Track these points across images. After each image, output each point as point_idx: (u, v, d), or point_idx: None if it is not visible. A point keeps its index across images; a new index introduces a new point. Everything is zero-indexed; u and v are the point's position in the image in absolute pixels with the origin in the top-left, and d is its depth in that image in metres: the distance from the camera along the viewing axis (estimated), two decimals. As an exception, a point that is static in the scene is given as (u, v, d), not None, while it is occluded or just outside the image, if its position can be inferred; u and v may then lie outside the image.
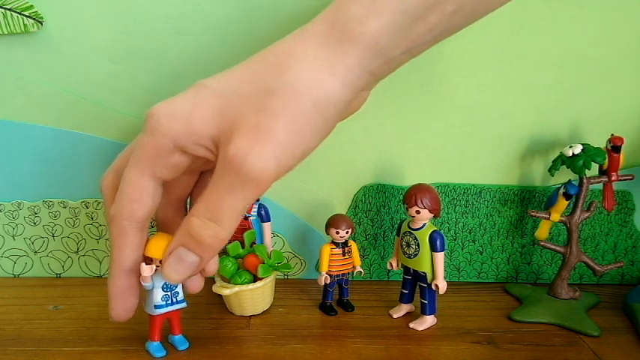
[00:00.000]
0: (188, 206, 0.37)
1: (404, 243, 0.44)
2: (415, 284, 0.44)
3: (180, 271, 0.32)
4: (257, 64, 0.30)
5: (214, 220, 0.29)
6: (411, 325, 0.43)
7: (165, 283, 0.37)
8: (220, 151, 0.29)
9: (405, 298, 0.45)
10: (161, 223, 0.37)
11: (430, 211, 0.41)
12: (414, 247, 0.43)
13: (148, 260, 0.35)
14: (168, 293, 0.38)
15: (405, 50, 0.30)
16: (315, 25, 0.29)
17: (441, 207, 0.43)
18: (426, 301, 0.43)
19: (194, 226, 0.30)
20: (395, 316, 0.45)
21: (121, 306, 0.34)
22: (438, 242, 0.42)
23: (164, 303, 0.37)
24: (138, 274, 0.34)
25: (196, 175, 0.36)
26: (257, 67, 0.29)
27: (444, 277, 0.42)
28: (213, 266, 0.35)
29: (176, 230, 0.32)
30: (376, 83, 0.31)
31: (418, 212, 0.41)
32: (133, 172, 0.31)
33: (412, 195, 0.41)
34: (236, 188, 0.28)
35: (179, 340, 0.39)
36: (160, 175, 0.31)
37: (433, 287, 0.42)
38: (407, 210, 0.42)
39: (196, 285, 0.36)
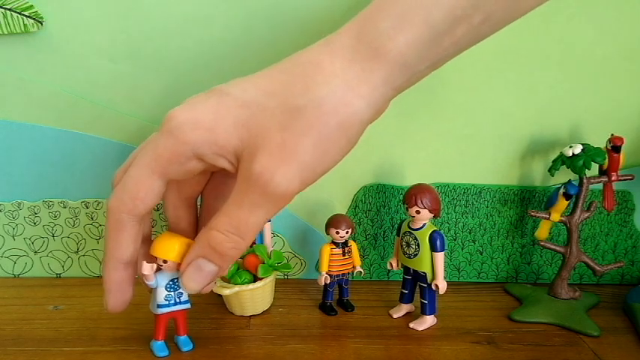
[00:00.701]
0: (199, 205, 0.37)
1: (404, 243, 0.44)
2: (415, 284, 0.44)
3: (199, 281, 0.32)
4: (282, 74, 0.29)
5: (238, 234, 0.30)
6: (411, 325, 0.43)
7: (168, 283, 0.37)
8: (243, 166, 0.29)
9: (405, 298, 0.45)
10: (172, 221, 0.37)
11: (430, 211, 0.41)
12: (414, 247, 0.43)
13: (151, 259, 0.35)
14: (172, 293, 0.38)
15: (429, 64, 0.30)
16: (341, 38, 0.29)
17: (441, 207, 0.43)
18: (426, 301, 0.43)
19: (217, 240, 0.30)
20: (395, 316, 0.45)
21: (117, 298, 0.34)
22: (438, 242, 0.42)
23: (167, 303, 0.37)
24: (134, 266, 0.34)
25: (208, 174, 0.36)
26: (282, 79, 0.29)
27: (444, 277, 0.42)
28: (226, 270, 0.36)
29: (186, 227, 0.33)
30: (397, 94, 0.31)
31: (418, 212, 0.41)
32: (142, 170, 0.31)
33: (412, 195, 0.41)
34: (260, 205, 0.29)
35: (183, 341, 0.39)
36: (171, 177, 0.31)
37: (433, 287, 0.42)
38: (407, 210, 0.42)
39: (208, 288, 0.36)
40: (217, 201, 0.35)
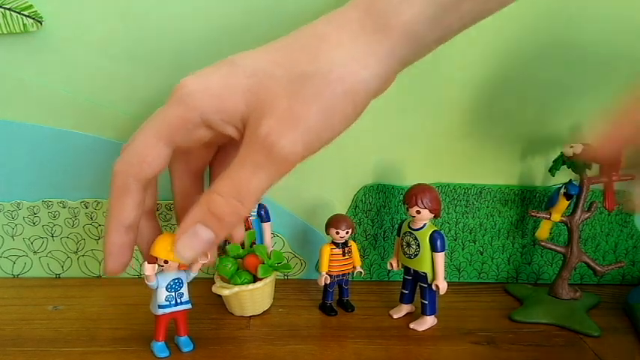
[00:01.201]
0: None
1: (404, 243, 0.44)
2: (415, 284, 0.44)
3: (195, 248, 0.31)
4: (290, 45, 0.30)
5: (238, 197, 0.29)
6: (412, 325, 0.43)
7: (169, 284, 0.37)
8: (249, 131, 0.29)
9: (406, 299, 0.45)
10: (178, 196, 0.36)
11: (430, 211, 0.41)
12: (414, 247, 0.43)
13: (152, 259, 0.35)
14: (173, 294, 0.38)
15: (435, 38, 0.30)
16: (349, 11, 0.30)
17: (442, 207, 0.43)
18: (427, 302, 0.43)
19: (216, 203, 0.30)
20: (395, 316, 0.45)
21: (117, 261, 0.34)
22: (438, 242, 0.41)
23: (168, 303, 0.37)
24: (135, 232, 0.34)
25: (214, 148, 0.36)
26: (290, 49, 0.30)
27: (445, 278, 0.42)
28: (241, 232, 0.36)
29: (193, 202, 0.32)
30: (404, 68, 0.32)
31: (419, 212, 0.41)
32: (149, 136, 0.31)
33: (412, 195, 0.41)
34: (264, 167, 0.29)
35: (184, 342, 0.39)
36: (179, 144, 0.31)
37: (433, 287, 0.42)
38: (407, 210, 0.42)
39: (201, 261, 0.36)
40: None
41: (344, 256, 0.45)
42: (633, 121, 0.29)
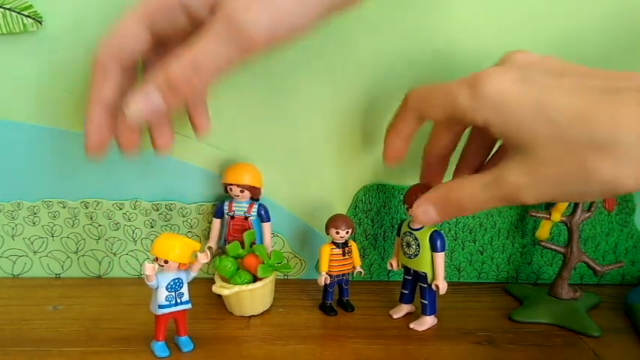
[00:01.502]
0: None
1: (404, 243, 0.44)
2: (415, 284, 0.44)
3: (143, 108, 0.32)
4: None
5: (194, 66, 0.30)
6: (412, 325, 0.43)
7: (169, 284, 0.37)
8: (217, 9, 0.29)
9: (405, 299, 0.45)
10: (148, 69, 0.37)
11: None
12: (414, 247, 0.43)
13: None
14: (173, 294, 0.38)
15: None
16: None
17: None
18: (427, 302, 0.43)
19: (172, 69, 0.30)
20: (395, 316, 0.45)
21: (96, 140, 0.35)
22: (438, 242, 0.41)
23: (168, 303, 0.37)
24: (114, 115, 0.34)
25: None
26: None
27: (445, 278, 0.42)
28: (204, 121, 0.39)
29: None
30: None
31: None
32: (129, 18, 0.32)
33: (413, 195, 0.41)
34: (224, 41, 0.29)
35: (184, 342, 0.39)
36: (157, 29, 0.32)
37: (433, 287, 0.42)
38: (407, 210, 0.42)
39: (165, 140, 0.37)
40: None
41: (344, 256, 0.45)
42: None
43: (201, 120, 0.39)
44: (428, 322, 0.43)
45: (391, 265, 0.45)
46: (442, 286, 0.42)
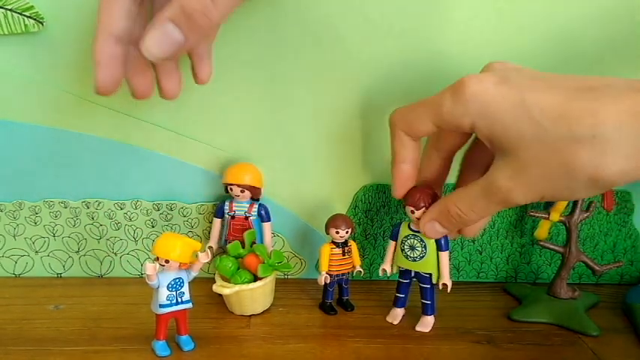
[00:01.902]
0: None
1: (406, 247, 0.43)
2: (410, 288, 0.44)
3: (163, 46, 0.30)
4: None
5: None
6: (418, 328, 0.43)
7: (170, 283, 0.37)
8: None
9: (400, 303, 0.45)
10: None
11: None
12: (419, 249, 0.42)
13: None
14: (174, 293, 0.38)
15: None
16: None
17: None
18: (429, 302, 0.43)
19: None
20: (395, 322, 0.44)
21: (107, 73, 0.32)
22: (443, 241, 0.41)
23: (169, 302, 0.38)
24: (126, 46, 0.32)
25: None
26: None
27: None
28: (207, 69, 0.36)
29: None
30: None
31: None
32: None
33: (418, 198, 0.40)
34: None
35: (185, 341, 0.39)
36: None
37: (440, 286, 0.42)
38: (412, 212, 0.41)
39: (173, 87, 0.35)
40: None
41: (344, 255, 0.45)
42: None
43: (205, 68, 0.38)
44: (431, 322, 0.43)
45: (384, 271, 0.44)
46: (449, 284, 0.42)
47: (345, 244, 0.45)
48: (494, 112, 0.32)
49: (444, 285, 0.42)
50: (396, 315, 0.45)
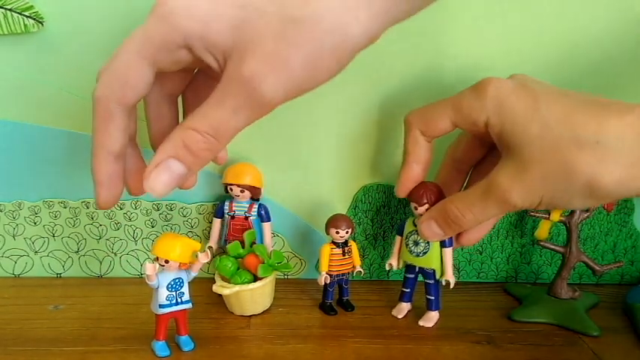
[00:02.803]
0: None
1: (410, 242, 0.43)
2: (416, 283, 0.44)
3: (167, 183, 0.30)
4: None
5: (215, 136, 0.29)
6: (421, 322, 0.44)
7: (170, 283, 0.37)
8: (230, 67, 0.29)
9: (406, 297, 0.45)
10: (154, 121, 0.35)
11: None
12: (422, 245, 0.43)
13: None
14: (173, 293, 0.38)
15: None
16: None
17: None
18: (433, 297, 0.43)
19: (193, 139, 0.29)
20: (400, 316, 0.45)
21: (109, 192, 0.32)
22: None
23: (168, 303, 0.37)
24: (124, 160, 0.32)
25: (191, 73, 0.35)
26: None
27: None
28: (224, 155, 0.37)
29: (168, 127, 0.33)
30: (394, 25, 0.32)
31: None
32: (131, 56, 0.30)
33: (422, 194, 0.40)
34: (244, 109, 0.29)
35: (184, 341, 0.39)
36: (160, 67, 0.30)
37: (443, 282, 0.42)
38: (415, 209, 0.41)
39: (192, 182, 0.35)
40: (199, 101, 0.32)
41: (344, 255, 0.45)
42: None
43: (221, 153, 0.38)
44: (434, 317, 0.44)
45: (390, 266, 0.45)
46: (452, 280, 0.42)
47: (345, 244, 0.45)
48: (507, 110, 0.33)
49: (447, 281, 0.42)
50: (402, 309, 0.45)
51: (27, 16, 0.42)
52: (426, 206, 0.40)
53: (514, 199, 0.33)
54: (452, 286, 0.42)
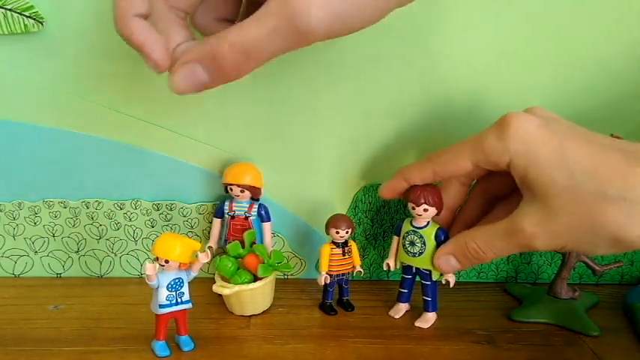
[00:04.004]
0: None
1: (407, 242, 0.43)
2: (414, 284, 0.44)
3: (187, 84, 0.30)
4: None
5: (246, 54, 0.28)
6: (417, 324, 0.44)
7: (170, 283, 0.37)
8: None
9: (404, 298, 0.45)
10: (200, 29, 0.35)
11: (436, 208, 0.41)
12: (419, 245, 0.43)
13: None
14: (173, 293, 0.38)
15: None
16: None
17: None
18: (429, 299, 0.43)
19: (222, 51, 0.29)
20: (397, 316, 0.45)
21: (157, 49, 0.30)
22: (443, 239, 0.42)
23: (168, 302, 0.38)
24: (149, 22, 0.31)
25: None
26: None
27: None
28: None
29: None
30: None
31: (426, 210, 0.41)
32: None
33: (420, 194, 0.41)
34: (281, 33, 0.28)
35: (184, 341, 0.39)
36: None
37: (443, 282, 0.43)
38: (412, 209, 0.42)
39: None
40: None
41: (344, 255, 0.45)
42: None
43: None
44: (431, 318, 0.44)
45: (388, 266, 0.45)
46: (452, 279, 0.42)
47: (345, 244, 0.45)
48: (532, 154, 0.33)
49: (447, 281, 0.42)
50: (399, 310, 0.45)
51: (27, 16, 0.42)
52: (424, 206, 0.41)
53: (538, 245, 0.33)
54: (452, 285, 0.42)
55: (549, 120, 0.35)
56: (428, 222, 0.42)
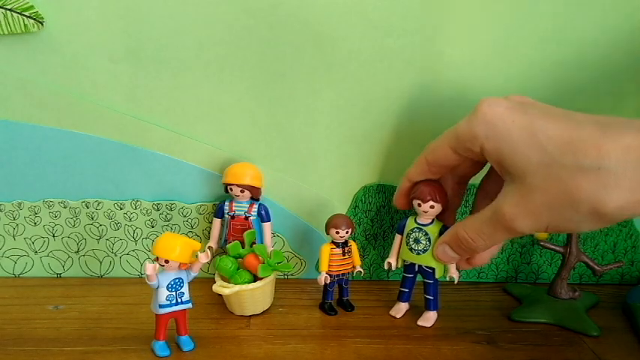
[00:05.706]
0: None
1: (411, 240, 0.43)
2: (414, 283, 0.44)
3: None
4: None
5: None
6: (419, 322, 0.44)
7: (170, 283, 0.37)
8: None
9: (405, 297, 0.45)
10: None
11: (442, 205, 0.41)
12: (423, 242, 0.43)
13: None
14: (173, 293, 0.38)
15: None
16: None
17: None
18: (431, 297, 0.43)
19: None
20: (398, 316, 0.45)
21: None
22: None
23: (168, 303, 0.37)
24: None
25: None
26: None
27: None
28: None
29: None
30: None
31: (432, 207, 0.41)
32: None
33: (427, 191, 0.41)
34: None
35: (184, 341, 0.39)
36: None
37: (448, 278, 0.43)
38: (419, 206, 0.42)
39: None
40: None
41: (344, 255, 0.45)
42: None
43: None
44: (433, 317, 0.44)
45: (389, 265, 0.45)
46: (457, 275, 0.43)
47: (345, 244, 0.45)
48: (502, 134, 0.33)
49: (452, 277, 0.43)
50: (400, 309, 0.45)
51: (27, 16, 0.42)
52: (430, 203, 0.41)
53: (520, 227, 0.33)
54: (457, 281, 0.43)
55: (523, 104, 0.34)
56: (433, 219, 0.42)
